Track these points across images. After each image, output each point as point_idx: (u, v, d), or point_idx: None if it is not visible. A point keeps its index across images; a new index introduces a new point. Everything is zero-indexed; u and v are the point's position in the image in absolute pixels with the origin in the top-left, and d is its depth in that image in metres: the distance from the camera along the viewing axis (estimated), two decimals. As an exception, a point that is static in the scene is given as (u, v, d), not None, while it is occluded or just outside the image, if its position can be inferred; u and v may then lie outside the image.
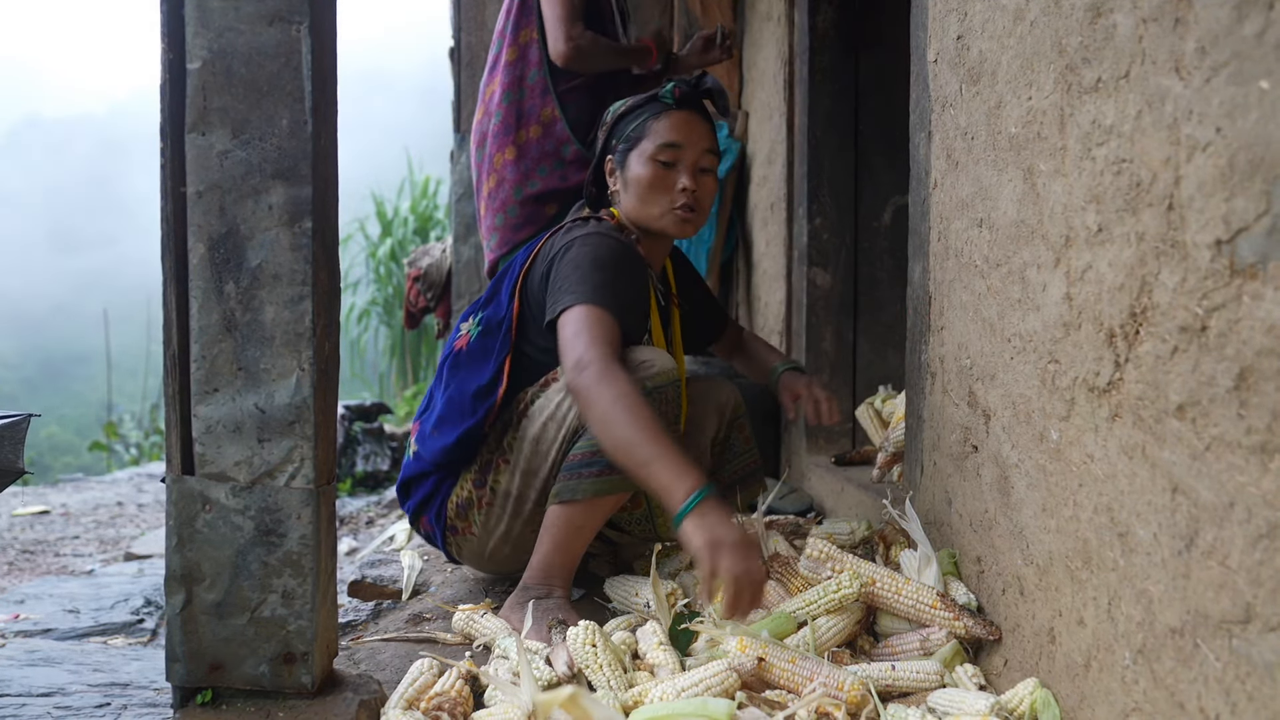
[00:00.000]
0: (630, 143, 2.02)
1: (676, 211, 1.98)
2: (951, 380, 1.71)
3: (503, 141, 2.87)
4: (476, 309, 2.06)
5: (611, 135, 2.07)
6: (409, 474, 2.08)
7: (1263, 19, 0.88)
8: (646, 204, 1.99)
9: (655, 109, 2.01)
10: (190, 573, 1.42)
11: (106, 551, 3.77)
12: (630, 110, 2.05)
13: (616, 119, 2.06)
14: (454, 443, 1.95)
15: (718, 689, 1.36)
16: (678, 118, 2.00)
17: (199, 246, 1.40)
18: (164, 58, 1.40)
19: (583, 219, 2.02)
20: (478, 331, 2.00)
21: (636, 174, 1.99)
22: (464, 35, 4.63)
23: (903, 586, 1.61)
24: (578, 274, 1.82)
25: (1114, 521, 1.16)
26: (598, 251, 1.86)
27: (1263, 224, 0.89)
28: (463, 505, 2.00)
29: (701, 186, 1.99)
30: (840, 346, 3.21)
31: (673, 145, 1.97)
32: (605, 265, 1.84)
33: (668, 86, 2.02)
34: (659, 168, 1.97)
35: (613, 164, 2.06)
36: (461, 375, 1.99)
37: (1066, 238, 1.27)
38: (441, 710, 1.39)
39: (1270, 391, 0.88)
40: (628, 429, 1.58)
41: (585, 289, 1.79)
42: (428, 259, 5.47)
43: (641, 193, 1.99)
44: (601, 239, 1.89)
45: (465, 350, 2.01)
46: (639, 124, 2.01)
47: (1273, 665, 0.88)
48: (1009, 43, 1.45)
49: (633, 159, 2.01)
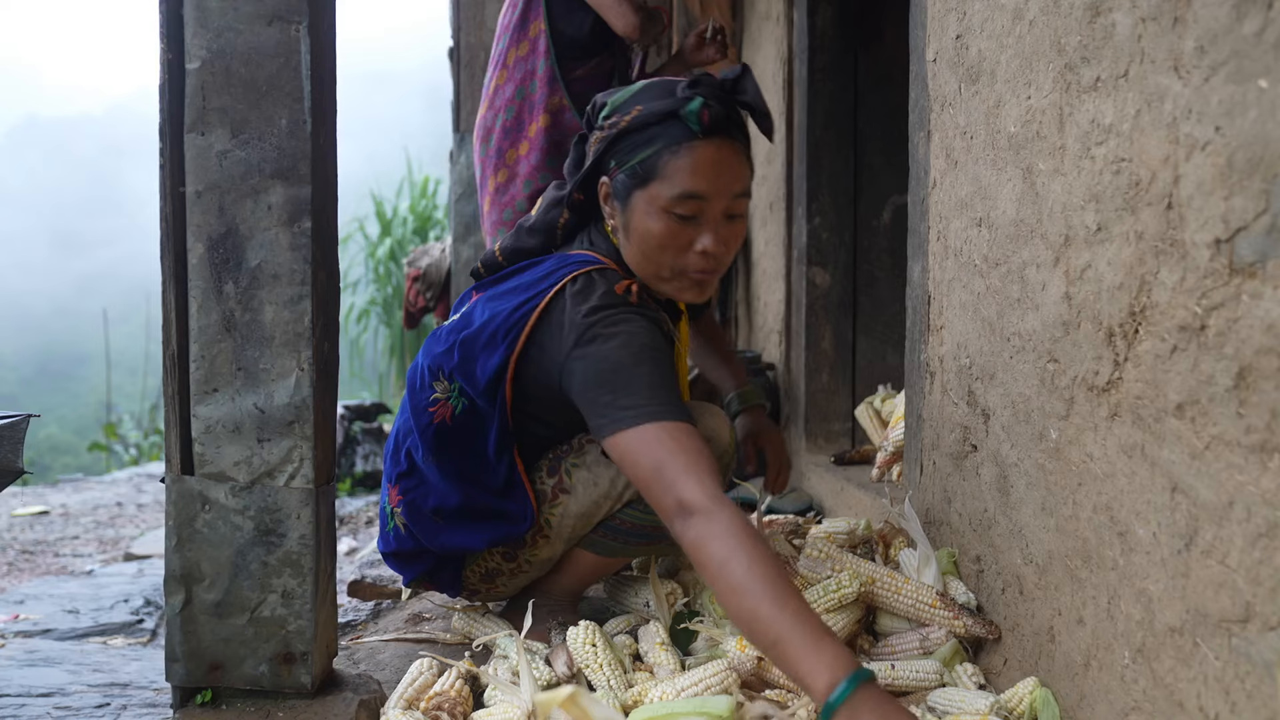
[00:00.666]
0: (636, 179, 1.52)
1: (690, 276, 1.56)
2: (951, 379, 1.71)
3: (516, 137, 2.88)
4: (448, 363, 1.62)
5: (610, 150, 1.57)
6: (401, 549, 1.75)
7: (1262, 18, 0.88)
8: (651, 263, 1.56)
9: (674, 137, 1.50)
10: (190, 573, 1.42)
11: (106, 552, 3.77)
12: (639, 126, 1.53)
13: (620, 133, 1.54)
14: (482, 547, 1.70)
15: (717, 688, 1.36)
16: (704, 155, 1.49)
17: (198, 246, 1.41)
18: (163, 57, 1.40)
19: (576, 278, 1.56)
20: (460, 407, 1.62)
21: (641, 227, 1.53)
22: (463, 35, 4.64)
23: (902, 586, 1.61)
24: (621, 379, 1.41)
25: (1113, 520, 1.16)
26: (631, 343, 1.45)
27: (1261, 223, 0.89)
28: (489, 573, 1.78)
29: (728, 239, 1.54)
30: (839, 346, 3.21)
31: (695, 196, 1.49)
32: (645, 356, 1.44)
33: (694, 103, 1.48)
34: (674, 222, 1.51)
35: (608, 190, 1.59)
36: (456, 460, 1.65)
37: (1065, 237, 1.27)
38: (441, 710, 1.39)
39: (1269, 390, 0.88)
40: (762, 602, 1.18)
41: (643, 401, 1.38)
42: (427, 259, 5.47)
43: (646, 250, 1.55)
44: (623, 315, 1.49)
45: (450, 427, 1.63)
46: (650, 157, 1.51)
47: (1272, 664, 0.88)
48: (1008, 42, 1.45)
49: (638, 202, 1.53)
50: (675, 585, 1.79)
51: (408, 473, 1.71)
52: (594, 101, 1.65)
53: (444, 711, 1.39)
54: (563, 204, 1.70)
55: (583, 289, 1.54)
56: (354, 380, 10.04)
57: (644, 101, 1.54)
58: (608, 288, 1.54)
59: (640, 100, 1.55)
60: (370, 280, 9.91)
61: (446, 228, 8.36)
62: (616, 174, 1.56)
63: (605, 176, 1.59)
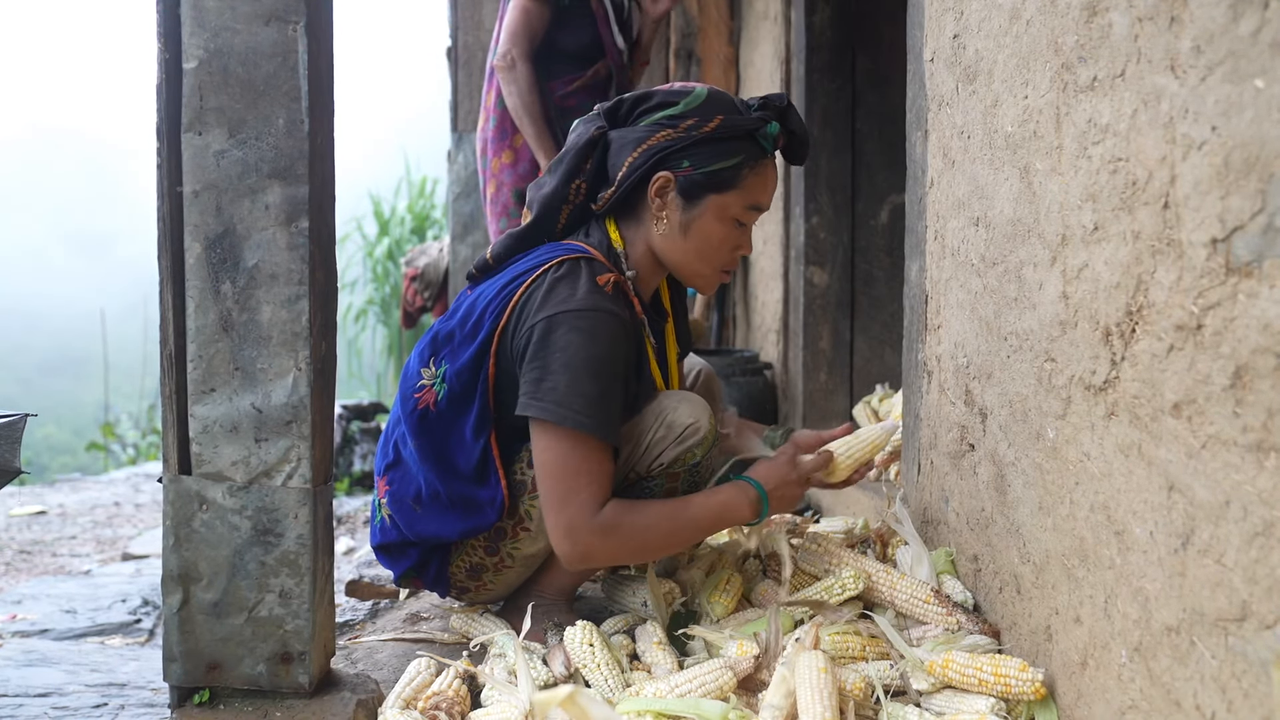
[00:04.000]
0: (715, 184, 1.65)
1: (722, 274, 1.75)
2: (948, 379, 1.71)
3: (498, 147, 2.94)
4: (438, 348, 1.70)
5: (685, 151, 1.64)
6: (387, 540, 1.79)
7: (1258, 17, 0.88)
8: (699, 259, 1.71)
9: (755, 155, 1.67)
10: (187, 572, 1.41)
11: (104, 551, 3.77)
12: (724, 136, 1.64)
13: (702, 137, 1.63)
14: (455, 537, 1.71)
15: (713, 688, 1.36)
16: (770, 173, 1.70)
17: (195, 246, 1.40)
18: (160, 57, 1.40)
19: (562, 263, 1.64)
20: (444, 392, 1.66)
21: (708, 228, 1.67)
22: (460, 35, 4.64)
23: (898, 581, 1.62)
24: (568, 377, 1.53)
25: (1110, 520, 1.16)
26: (593, 346, 1.55)
27: (1258, 222, 0.89)
28: (474, 569, 1.78)
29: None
30: (837, 345, 3.22)
31: (759, 209, 1.71)
32: (601, 370, 1.55)
33: (772, 126, 1.66)
34: (734, 228, 1.69)
35: (669, 183, 1.66)
36: (437, 443, 1.68)
37: (1063, 236, 1.27)
38: (439, 709, 1.39)
39: (1266, 390, 0.89)
40: (665, 537, 1.64)
41: (577, 405, 1.52)
42: (425, 258, 5.47)
43: (702, 248, 1.69)
44: (597, 320, 1.57)
45: (434, 413, 1.67)
46: (732, 168, 1.64)
47: (1268, 663, 0.89)
48: (1005, 41, 1.45)
49: (710, 205, 1.66)
50: (673, 584, 1.79)
51: (394, 464, 1.76)
52: (638, 96, 1.69)
53: (442, 711, 1.39)
54: (559, 206, 1.73)
55: (566, 274, 1.62)
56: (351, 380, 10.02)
57: (724, 113, 1.65)
58: (589, 276, 1.62)
59: (719, 110, 1.66)
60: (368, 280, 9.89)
61: (444, 227, 8.36)
62: (690, 173, 1.65)
63: (667, 171, 1.66)
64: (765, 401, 3.44)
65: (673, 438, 1.66)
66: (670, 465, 1.67)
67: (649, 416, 1.68)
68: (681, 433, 1.66)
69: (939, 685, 1.39)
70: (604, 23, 2.86)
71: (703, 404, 1.70)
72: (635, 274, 1.73)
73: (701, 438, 1.67)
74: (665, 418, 1.67)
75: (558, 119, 2.84)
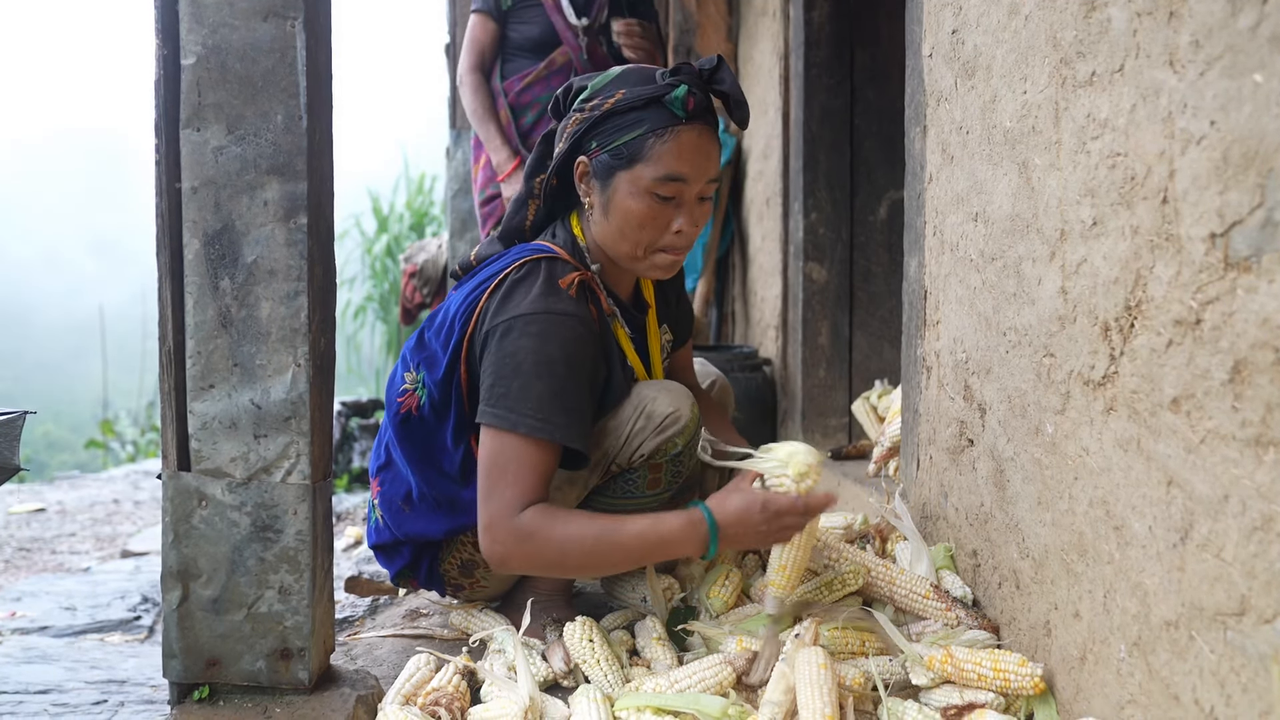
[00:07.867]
0: (621, 159, 1.57)
1: (661, 255, 1.62)
2: (947, 374, 1.71)
3: (478, 153, 3.07)
4: (418, 354, 1.70)
5: (591, 131, 1.60)
6: (381, 540, 1.81)
7: (1256, 12, 0.88)
8: (627, 240, 1.61)
9: (660, 122, 1.55)
10: (187, 569, 1.41)
11: (103, 549, 3.77)
12: (624, 109, 1.57)
13: (604, 115, 1.58)
14: (440, 535, 1.73)
15: (713, 683, 1.37)
16: (687, 139, 1.55)
17: (194, 242, 1.40)
18: (158, 53, 1.40)
19: (523, 265, 1.61)
20: (425, 399, 1.67)
21: (624, 205, 1.58)
22: (459, 31, 4.62)
23: (897, 576, 1.62)
24: (519, 382, 1.51)
25: (1109, 515, 1.16)
26: (545, 349, 1.52)
27: (1256, 217, 0.89)
28: (466, 565, 1.78)
29: (699, 219, 1.61)
30: (836, 341, 3.22)
31: (677, 179, 1.55)
32: (553, 371, 1.51)
33: (679, 89, 1.54)
34: (655, 203, 1.57)
35: (586, 169, 1.62)
36: (421, 447, 1.69)
37: (1061, 231, 1.27)
38: (439, 705, 1.40)
39: (1264, 384, 0.89)
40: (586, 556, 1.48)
41: (525, 409, 1.49)
42: (423, 255, 5.47)
43: (625, 228, 1.60)
44: (549, 323, 1.54)
45: (417, 418, 1.68)
46: (636, 139, 1.55)
47: (1267, 657, 0.89)
48: (1004, 37, 1.45)
49: (621, 182, 1.57)
50: (672, 580, 1.79)
51: (385, 465, 1.78)
52: (568, 86, 1.67)
53: (441, 707, 1.39)
54: (526, 203, 1.73)
55: (524, 276, 1.59)
56: (350, 376, 10.02)
57: (627, 86, 1.59)
58: (547, 278, 1.58)
59: (623, 84, 1.59)
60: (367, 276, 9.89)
61: (443, 223, 8.35)
62: (598, 154, 1.59)
63: (584, 156, 1.62)
64: (764, 397, 3.45)
65: (652, 428, 1.62)
66: (651, 456, 1.64)
67: (628, 408, 1.64)
68: (661, 422, 1.61)
69: (938, 680, 1.39)
70: (554, 10, 2.88)
71: (684, 392, 1.66)
72: (599, 267, 1.68)
73: (682, 426, 1.62)
74: (644, 408, 1.63)
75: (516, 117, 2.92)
